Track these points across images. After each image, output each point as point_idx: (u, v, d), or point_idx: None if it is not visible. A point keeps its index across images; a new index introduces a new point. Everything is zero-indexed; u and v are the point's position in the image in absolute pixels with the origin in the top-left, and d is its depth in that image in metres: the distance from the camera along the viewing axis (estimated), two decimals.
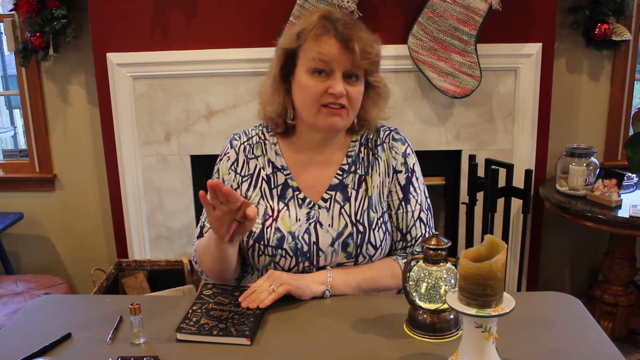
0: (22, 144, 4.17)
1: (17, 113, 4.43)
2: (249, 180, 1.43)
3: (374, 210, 1.40)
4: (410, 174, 1.44)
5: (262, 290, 1.28)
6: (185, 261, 2.57)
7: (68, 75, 2.73)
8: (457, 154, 2.60)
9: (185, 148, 2.58)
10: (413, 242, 1.44)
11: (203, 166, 2.61)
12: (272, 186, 1.41)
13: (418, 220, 1.44)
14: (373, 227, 1.39)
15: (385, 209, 1.43)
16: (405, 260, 1.42)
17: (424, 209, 1.45)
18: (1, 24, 2.79)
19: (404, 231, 1.44)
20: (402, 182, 1.44)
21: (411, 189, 1.44)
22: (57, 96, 2.77)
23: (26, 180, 2.88)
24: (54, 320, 1.30)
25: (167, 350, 1.16)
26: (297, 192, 1.40)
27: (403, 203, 1.43)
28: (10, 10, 2.60)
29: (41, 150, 2.84)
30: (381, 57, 1.37)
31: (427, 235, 1.45)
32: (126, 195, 2.61)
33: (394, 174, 1.44)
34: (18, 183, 2.89)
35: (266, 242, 1.37)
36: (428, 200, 1.48)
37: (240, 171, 1.44)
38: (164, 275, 2.57)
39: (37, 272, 2.93)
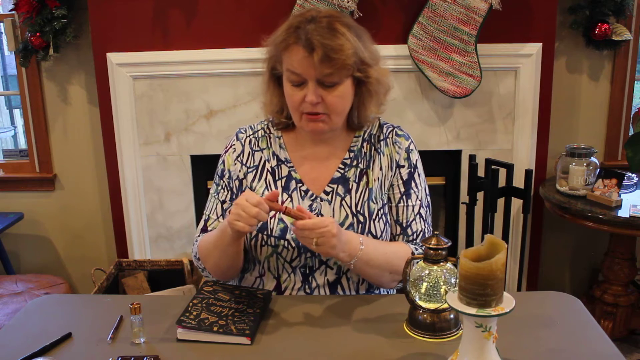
0: (22, 144, 4.17)
1: (17, 113, 4.43)
2: (254, 172, 1.45)
3: (374, 202, 1.41)
4: (412, 170, 1.45)
5: (304, 235, 1.23)
6: (185, 261, 2.57)
7: (68, 75, 2.73)
8: (457, 154, 2.60)
9: (185, 148, 2.58)
10: (414, 236, 1.44)
11: (203, 166, 2.61)
12: (277, 178, 1.44)
13: (418, 216, 1.45)
14: (373, 217, 1.40)
15: (385, 201, 1.44)
16: (418, 251, 1.41)
17: (424, 206, 1.46)
18: (1, 24, 2.79)
19: (404, 225, 1.44)
20: (405, 176, 1.45)
21: (413, 184, 1.45)
22: (57, 96, 2.76)
23: (26, 180, 2.88)
24: (54, 320, 1.30)
25: (167, 350, 1.16)
26: (300, 185, 1.42)
27: (404, 197, 1.44)
28: (10, 10, 2.60)
29: (41, 150, 2.84)
30: (361, 56, 1.32)
31: (425, 231, 1.45)
32: (126, 195, 2.61)
33: (397, 169, 1.45)
34: (18, 183, 2.89)
35: (269, 233, 1.38)
36: (428, 197, 1.49)
37: (246, 162, 1.46)
38: (164, 275, 2.57)
39: (37, 272, 2.93)
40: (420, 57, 2.39)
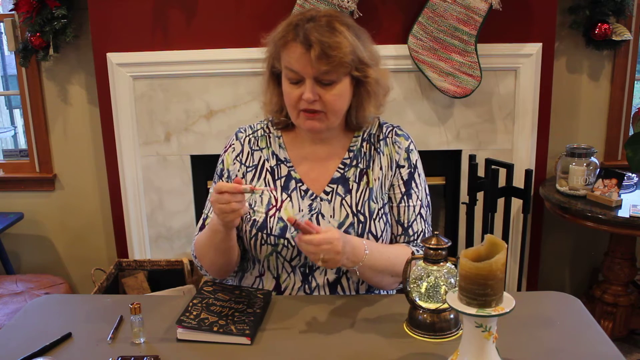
0: (22, 144, 4.17)
1: (17, 113, 4.43)
2: (253, 171, 1.46)
3: (375, 201, 1.42)
4: (412, 170, 1.45)
5: (311, 251, 1.21)
6: (185, 261, 2.57)
7: (68, 75, 2.73)
8: (457, 154, 2.60)
9: (185, 148, 2.58)
10: (415, 236, 1.45)
11: (203, 166, 2.61)
12: (276, 177, 1.44)
13: (419, 216, 1.45)
14: (374, 217, 1.40)
15: (385, 201, 1.44)
16: (418, 251, 1.41)
17: (424, 206, 1.47)
18: (1, 24, 2.79)
19: (405, 225, 1.44)
20: (405, 176, 1.45)
21: (413, 184, 1.45)
22: (57, 96, 2.76)
23: (26, 180, 2.88)
24: (54, 320, 1.30)
25: (167, 350, 1.16)
26: (300, 184, 1.43)
27: (405, 197, 1.44)
28: (10, 10, 2.60)
29: (41, 150, 2.84)
30: (360, 55, 1.33)
31: (425, 231, 1.45)
32: (126, 195, 2.61)
33: (397, 169, 1.45)
34: (18, 183, 2.89)
35: (269, 231, 1.38)
36: (428, 197, 1.49)
37: (245, 162, 1.47)
38: (164, 275, 2.57)
39: (37, 272, 2.93)
40: (420, 57, 2.39)
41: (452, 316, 1.20)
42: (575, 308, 1.30)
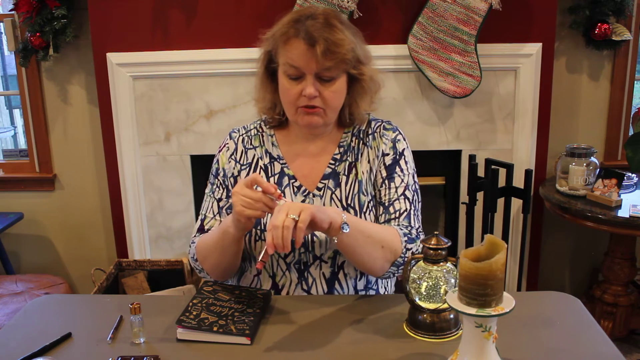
0: (22, 144, 4.17)
1: (17, 113, 4.43)
2: (247, 169, 1.47)
3: (364, 193, 1.42)
4: (397, 157, 1.45)
5: (284, 226, 1.14)
6: (185, 261, 2.57)
7: (68, 75, 2.73)
8: (457, 154, 2.60)
9: (185, 148, 2.58)
10: (397, 214, 1.41)
11: (203, 166, 2.60)
12: (270, 174, 1.45)
13: (402, 196, 1.42)
14: (364, 210, 1.41)
15: (373, 194, 1.44)
16: (402, 231, 1.38)
17: (410, 189, 1.44)
18: (1, 24, 2.79)
19: (386, 204, 1.42)
20: (388, 162, 1.45)
21: (397, 169, 1.44)
22: (57, 96, 2.77)
23: (26, 180, 2.89)
24: (54, 320, 1.30)
25: (167, 350, 1.16)
26: (293, 181, 1.44)
27: (386, 181, 1.44)
28: (10, 10, 2.60)
29: (41, 150, 2.84)
30: (357, 53, 1.35)
31: (411, 213, 1.42)
32: (126, 195, 2.61)
33: (382, 157, 1.45)
34: (18, 183, 2.89)
35: (263, 227, 1.39)
36: (417, 185, 1.47)
37: (239, 160, 1.48)
38: (164, 275, 2.57)
39: (37, 272, 2.93)
40: (420, 57, 2.39)
41: (452, 316, 1.20)
42: (575, 308, 1.30)
